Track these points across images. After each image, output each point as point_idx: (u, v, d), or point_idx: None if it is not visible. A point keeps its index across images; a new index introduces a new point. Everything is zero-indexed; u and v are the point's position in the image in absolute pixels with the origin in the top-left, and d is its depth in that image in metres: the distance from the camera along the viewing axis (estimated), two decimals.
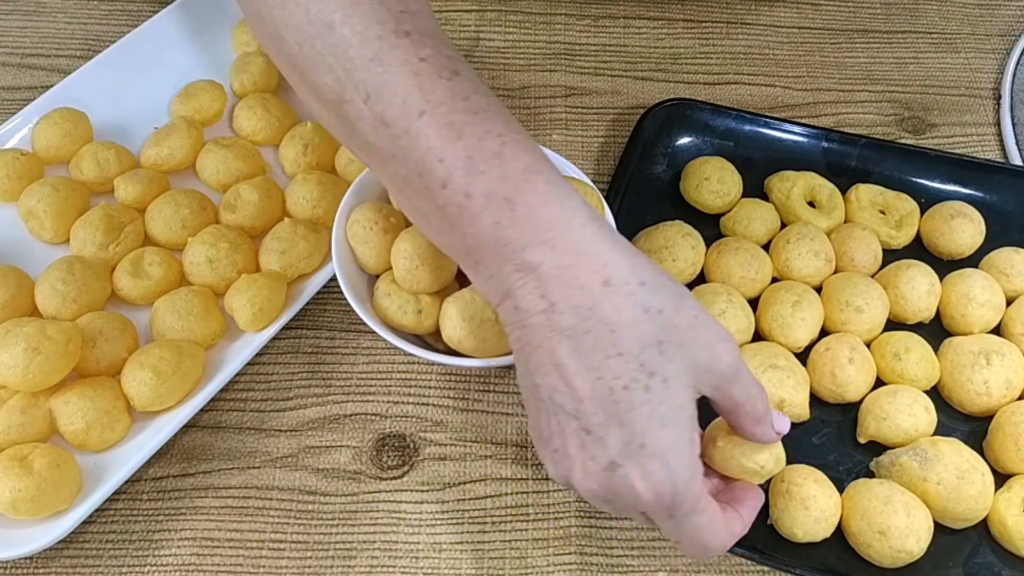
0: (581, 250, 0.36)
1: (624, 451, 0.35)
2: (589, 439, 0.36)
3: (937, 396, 0.54)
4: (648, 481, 0.36)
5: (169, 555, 0.49)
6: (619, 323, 0.35)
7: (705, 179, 0.60)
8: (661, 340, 0.36)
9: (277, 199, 0.58)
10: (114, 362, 0.51)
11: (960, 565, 0.48)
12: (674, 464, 0.36)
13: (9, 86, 0.67)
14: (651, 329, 0.36)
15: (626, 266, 0.36)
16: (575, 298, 0.35)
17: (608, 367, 0.35)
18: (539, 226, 0.36)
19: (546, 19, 0.74)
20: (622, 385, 0.35)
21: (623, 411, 0.35)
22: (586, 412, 0.35)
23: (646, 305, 0.36)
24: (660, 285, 0.36)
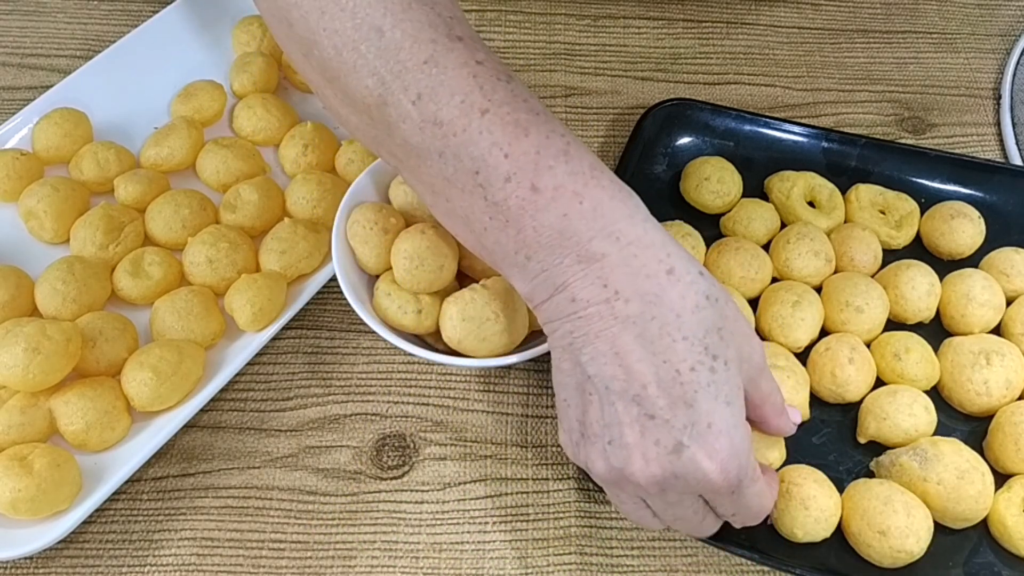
0: (647, 242, 0.38)
1: (692, 432, 0.37)
2: (652, 424, 0.37)
3: (937, 396, 0.54)
4: (715, 459, 0.37)
5: (169, 555, 0.49)
6: (684, 309, 0.37)
7: (705, 179, 0.60)
8: (720, 327, 0.38)
9: (277, 199, 0.58)
10: (114, 362, 0.51)
11: (960, 565, 0.48)
12: (738, 440, 0.37)
13: (9, 86, 0.67)
14: (712, 315, 0.37)
15: (686, 258, 0.38)
16: (643, 286, 0.37)
17: (675, 351, 0.36)
18: (607, 219, 0.38)
19: (546, 19, 0.74)
20: (689, 367, 0.36)
21: (689, 392, 0.36)
22: (650, 397, 0.36)
23: (707, 292, 0.38)
24: (711, 277, 0.39)
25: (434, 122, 0.38)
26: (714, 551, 0.50)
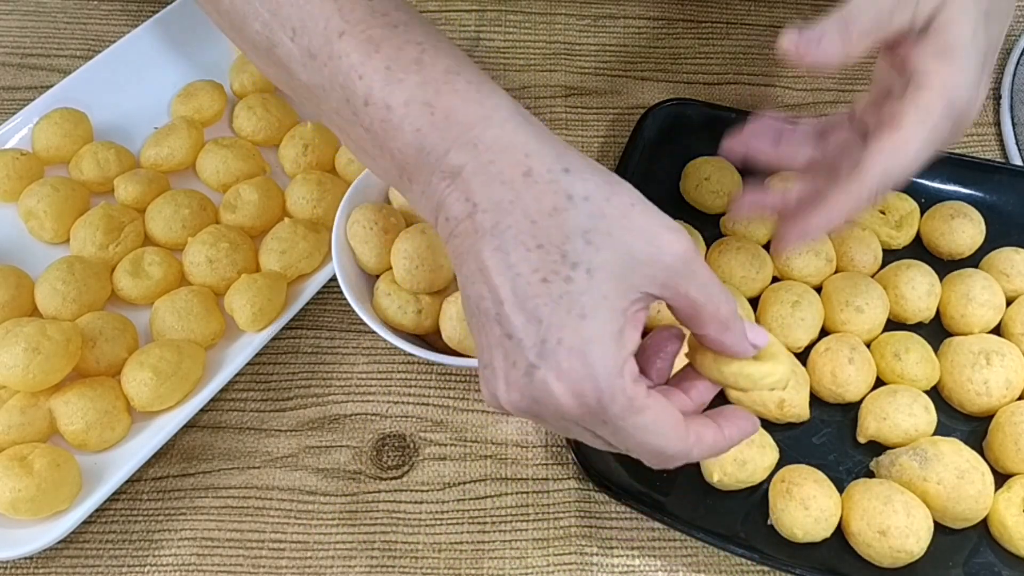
0: (504, 145, 0.34)
1: (542, 350, 0.33)
2: (511, 344, 0.33)
3: (937, 396, 0.54)
4: (565, 381, 0.33)
5: (169, 555, 0.49)
6: (540, 213, 0.33)
7: (705, 179, 0.60)
8: (587, 229, 0.33)
9: (277, 199, 0.58)
10: (114, 362, 0.51)
11: (960, 565, 0.48)
12: (594, 358, 0.32)
13: (9, 86, 0.67)
14: (576, 217, 0.33)
15: (550, 154, 0.34)
16: (497, 194, 0.34)
17: (528, 261, 0.33)
18: (460, 127, 0.35)
19: (546, 19, 0.74)
20: (541, 277, 0.33)
21: (540, 306, 0.33)
22: (507, 315, 0.33)
23: (569, 192, 0.34)
24: (589, 172, 0.34)
25: (310, 55, 0.38)
26: (714, 551, 0.50)
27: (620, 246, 0.33)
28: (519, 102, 0.38)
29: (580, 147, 0.66)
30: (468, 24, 0.73)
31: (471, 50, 0.72)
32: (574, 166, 0.34)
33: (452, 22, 0.73)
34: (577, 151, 0.36)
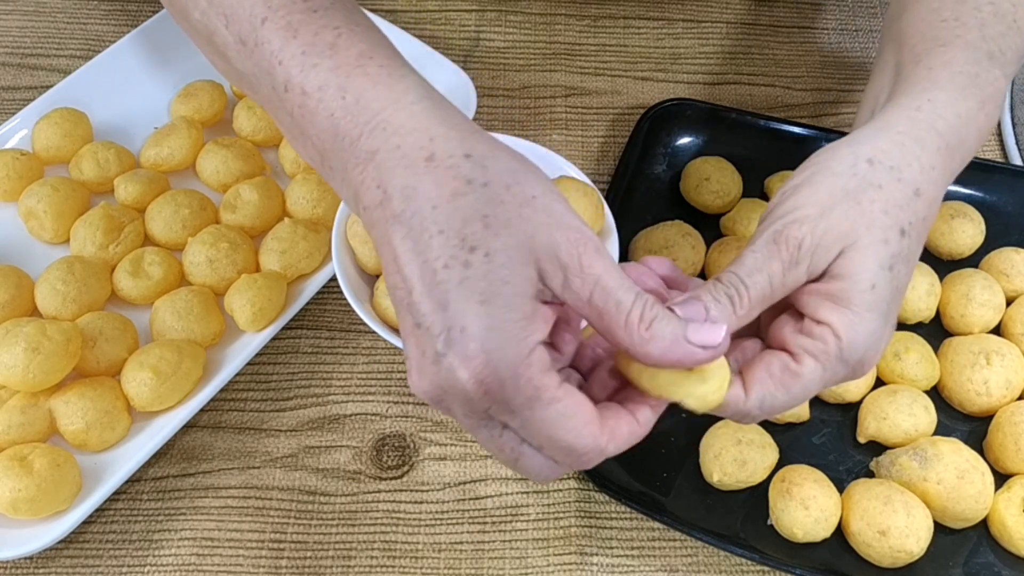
0: (410, 129, 0.34)
1: (447, 338, 0.32)
2: (420, 333, 0.32)
3: (937, 396, 0.54)
4: (468, 367, 0.31)
5: (169, 555, 0.49)
6: (440, 198, 0.32)
7: (705, 179, 0.60)
8: (486, 214, 0.32)
9: (277, 199, 0.58)
10: (114, 362, 0.51)
11: (960, 565, 0.48)
12: (496, 344, 0.31)
13: (9, 86, 0.67)
14: (475, 201, 0.32)
15: (454, 139, 0.34)
16: (402, 179, 0.33)
17: (431, 246, 0.32)
18: (372, 110, 0.35)
19: (546, 19, 0.74)
20: (442, 264, 0.32)
21: (443, 292, 0.32)
22: (416, 303, 0.32)
23: (468, 177, 0.33)
24: (493, 159, 0.33)
25: (240, 41, 0.38)
26: (714, 551, 0.50)
27: (519, 233, 0.32)
28: (519, 103, 0.38)
29: (580, 147, 0.66)
30: (468, 24, 0.73)
31: (471, 50, 0.72)
32: (477, 151, 0.33)
33: (452, 22, 0.73)
34: (488, 137, 0.35)
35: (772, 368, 0.36)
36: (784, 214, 0.37)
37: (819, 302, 0.36)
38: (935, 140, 0.38)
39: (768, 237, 0.36)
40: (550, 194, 0.33)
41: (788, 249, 0.36)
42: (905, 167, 0.37)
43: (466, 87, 0.62)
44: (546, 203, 0.33)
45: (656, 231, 0.58)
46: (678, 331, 0.32)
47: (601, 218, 0.50)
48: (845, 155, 0.38)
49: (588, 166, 0.65)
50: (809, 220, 0.36)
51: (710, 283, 0.36)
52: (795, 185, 0.37)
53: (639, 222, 0.59)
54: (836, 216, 0.36)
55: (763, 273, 0.35)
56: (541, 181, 0.34)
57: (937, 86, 0.39)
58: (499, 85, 0.69)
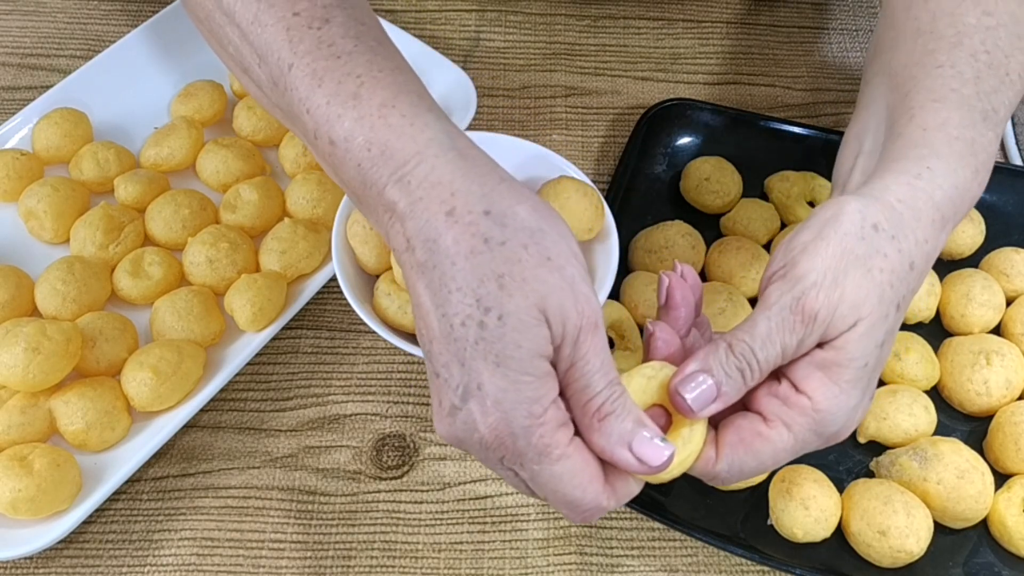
0: (433, 181, 0.35)
1: (464, 393, 0.33)
2: (438, 382, 0.34)
3: (937, 396, 0.54)
4: (485, 422, 0.33)
5: (169, 555, 0.49)
6: (458, 254, 0.33)
7: (705, 179, 0.60)
8: (501, 273, 0.33)
9: (277, 199, 0.58)
10: (114, 362, 0.51)
11: (960, 565, 0.48)
12: (508, 405, 0.33)
13: (9, 86, 0.67)
14: (491, 260, 0.33)
15: (476, 194, 0.34)
16: (424, 232, 0.34)
17: (450, 302, 0.33)
18: (396, 161, 0.35)
19: (546, 19, 0.74)
20: (460, 321, 0.33)
21: (460, 349, 0.33)
22: (435, 353, 0.34)
23: (486, 235, 0.33)
24: (512, 216, 0.34)
25: (272, 82, 0.38)
26: (714, 551, 0.50)
27: (533, 294, 0.33)
28: (519, 103, 0.38)
29: (580, 147, 0.66)
30: (468, 24, 0.73)
31: (471, 50, 0.72)
32: (497, 208, 0.34)
33: (452, 22, 0.73)
34: (511, 189, 0.35)
35: (743, 432, 0.36)
36: (799, 278, 0.35)
37: (809, 370, 0.36)
38: (931, 212, 0.37)
39: (785, 305, 0.35)
40: (566, 255, 0.34)
41: (805, 322, 0.35)
42: (903, 238, 0.37)
43: (466, 87, 0.62)
44: (561, 264, 0.34)
45: (656, 231, 0.58)
46: (625, 436, 0.33)
47: (601, 218, 0.50)
48: (853, 215, 0.36)
49: (588, 166, 0.65)
50: (825, 287, 0.35)
51: (722, 349, 0.35)
52: (805, 242, 0.36)
53: (639, 222, 0.59)
54: (850, 284, 0.35)
55: (776, 345, 0.35)
56: (559, 240, 0.34)
57: (935, 153, 0.38)
58: (499, 85, 0.69)
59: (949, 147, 0.38)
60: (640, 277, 0.56)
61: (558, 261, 0.34)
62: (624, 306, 0.55)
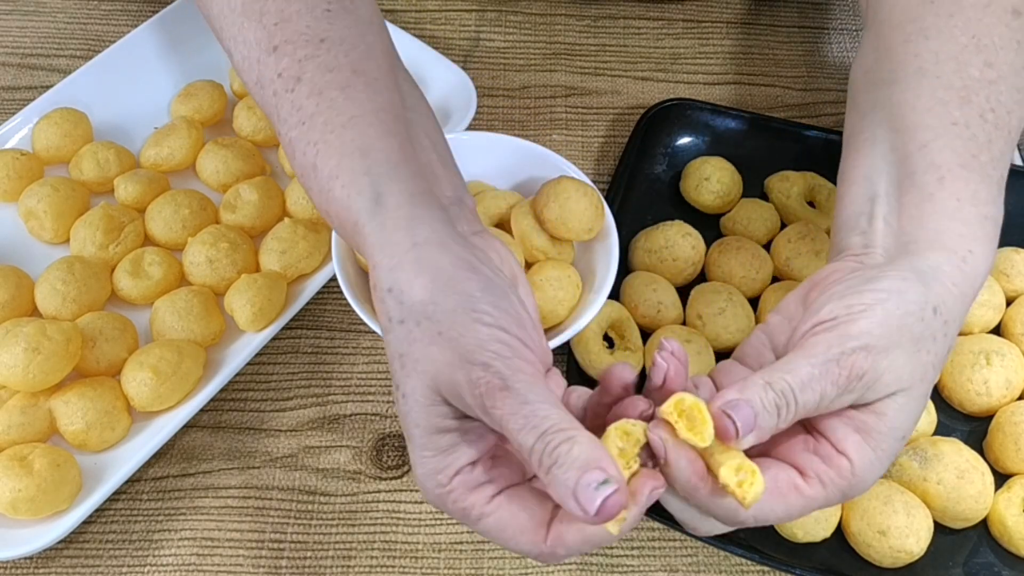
0: (368, 254, 0.37)
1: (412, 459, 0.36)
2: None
3: (937, 396, 0.54)
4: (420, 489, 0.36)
5: (169, 555, 0.49)
6: (386, 331, 0.36)
7: (705, 179, 0.60)
8: (402, 353, 0.35)
9: (277, 199, 0.58)
10: (114, 362, 0.51)
11: (960, 565, 0.48)
12: (421, 477, 0.35)
13: (9, 86, 0.67)
14: (395, 340, 0.35)
15: (384, 269, 0.35)
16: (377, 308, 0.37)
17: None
18: (348, 232, 0.38)
19: (546, 19, 0.74)
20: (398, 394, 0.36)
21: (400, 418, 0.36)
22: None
23: (390, 314, 0.35)
24: (407, 293, 0.35)
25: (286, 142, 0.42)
26: (714, 551, 0.50)
27: (424, 375, 0.34)
28: (519, 103, 0.38)
29: (580, 147, 0.66)
30: (468, 24, 0.73)
31: (471, 50, 0.72)
32: (396, 284, 0.35)
33: (452, 22, 0.73)
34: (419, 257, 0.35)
35: (780, 484, 0.35)
36: (853, 336, 0.35)
37: (847, 432, 0.35)
38: (973, 297, 0.38)
39: (833, 357, 0.34)
40: (463, 323, 0.33)
41: (848, 377, 0.34)
42: (953, 323, 0.37)
43: (466, 87, 0.62)
44: (453, 337, 0.33)
45: (656, 231, 0.58)
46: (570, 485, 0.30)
47: (601, 218, 0.50)
48: (917, 293, 0.36)
49: (588, 166, 0.65)
50: (875, 352, 0.35)
51: (760, 384, 0.34)
52: (867, 304, 0.36)
53: (639, 222, 0.59)
54: (900, 359, 0.35)
55: (815, 392, 0.34)
56: (454, 311, 0.34)
57: (974, 235, 0.38)
58: (499, 85, 0.69)
59: (983, 228, 0.39)
60: (640, 277, 0.56)
61: (450, 334, 0.33)
62: (624, 306, 0.55)
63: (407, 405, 0.35)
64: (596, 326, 0.53)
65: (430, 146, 0.41)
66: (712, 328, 0.54)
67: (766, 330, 0.40)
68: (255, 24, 0.42)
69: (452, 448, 0.34)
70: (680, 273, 0.57)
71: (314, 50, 0.41)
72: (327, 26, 0.41)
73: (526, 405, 0.32)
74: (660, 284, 0.55)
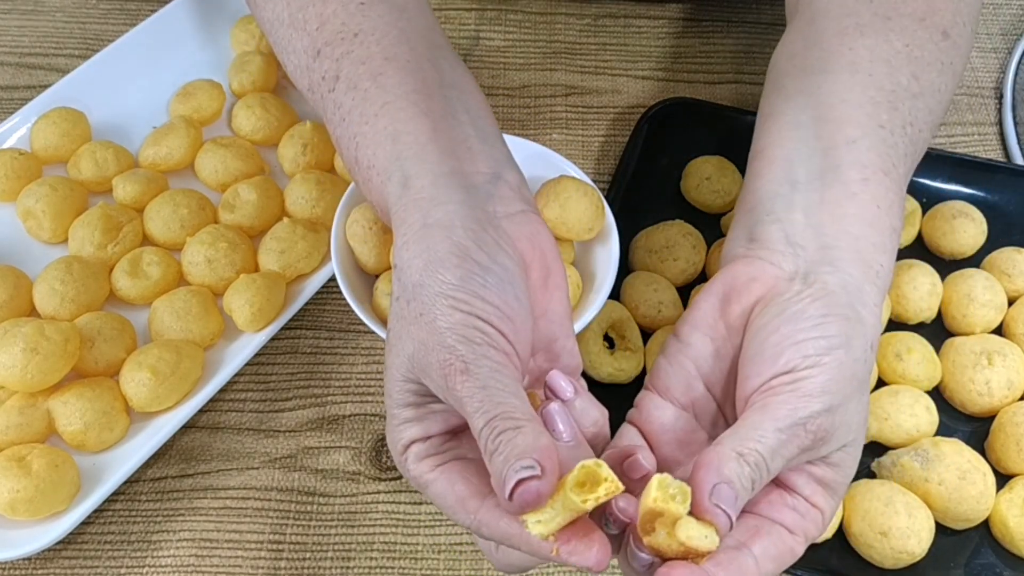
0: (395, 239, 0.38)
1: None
2: None
3: (939, 396, 0.54)
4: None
5: (168, 556, 0.49)
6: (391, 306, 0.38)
7: (706, 179, 0.60)
8: (393, 328, 0.37)
9: (276, 199, 0.58)
10: (112, 362, 0.51)
11: (961, 566, 0.48)
12: (389, 441, 0.37)
13: (7, 85, 0.67)
14: (393, 317, 0.37)
15: (398, 247, 0.37)
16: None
17: None
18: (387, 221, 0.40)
19: (546, 18, 0.74)
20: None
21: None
22: None
23: (394, 291, 0.37)
24: (405, 272, 0.36)
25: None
26: None
27: (405, 350, 0.36)
28: (519, 102, 0.39)
29: (580, 146, 0.66)
30: (468, 23, 0.73)
31: (471, 49, 0.71)
32: (400, 262, 0.37)
33: (452, 21, 0.73)
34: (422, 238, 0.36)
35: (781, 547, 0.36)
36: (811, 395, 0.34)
37: (814, 487, 0.36)
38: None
39: (799, 420, 0.34)
40: (439, 306, 0.35)
41: (815, 442, 0.34)
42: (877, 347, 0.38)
43: None
44: (430, 321, 0.34)
45: (656, 231, 0.58)
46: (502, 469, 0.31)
47: (601, 218, 0.50)
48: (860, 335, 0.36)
49: (588, 165, 0.65)
50: (834, 411, 0.35)
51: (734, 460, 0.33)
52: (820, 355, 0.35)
53: (639, 222, 0.59)
54: (851, 411, 0.35)
55: (783, 459, 0.34)
56: (436, 296, 0.35)
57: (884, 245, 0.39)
58: (499, 84, 0.69)
59: (892, 241, 0.40)
60: (640, 277, 0.56)
61: (428, 316, 0.35)
62: (624, 306, 0.55)
63: (387, 375, 0.37)
64: (596, 326, 0.53)
65: (468, 121, 0.41)
66: None
67: (687, 353, 0.39)
68: (301, 33, 0.44)
69: (412, 421, 0.36)
70: (681, 273, 0.56)
71: (348, 46, 0.42)
72: (360, 19, 0.43)
73: (483, 390, 0.33)
74: (661, 284, 0.55)
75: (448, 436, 0.37)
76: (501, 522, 0.33)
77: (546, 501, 0.30)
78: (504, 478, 0.30)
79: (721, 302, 0.39)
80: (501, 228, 0.38)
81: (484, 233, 0.37)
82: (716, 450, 0.33)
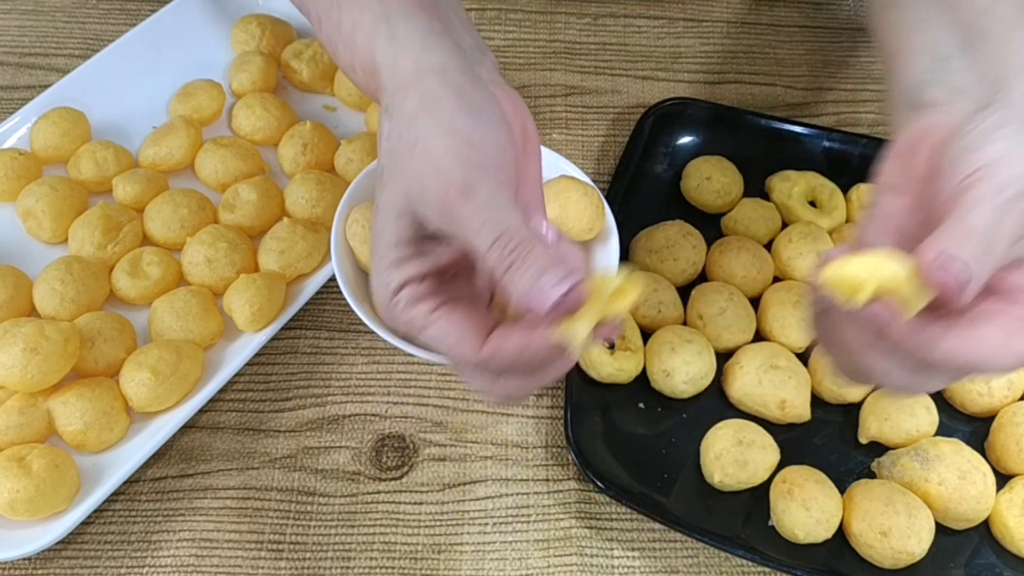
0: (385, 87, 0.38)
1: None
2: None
3: (938, 396, 0.54)
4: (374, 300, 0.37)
5: (168, 556, 0.49)
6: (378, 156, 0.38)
7: (706, 179, 0.60)
8: (383, 167, 0.37)
9: (276, 199, 0.58)
10: (112, 362, 0.51)
11: (961, 566, 0.48)
12: (373, 286, 0.37)
13: (7, 85, 0.67)
14: (383, 156, 0.37)
15: (389, 92, 0.37)
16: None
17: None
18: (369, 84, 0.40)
19: (546, 18, 0.74)
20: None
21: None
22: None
23: (383, 131, 0.37)
24: (398, 108, 0.36)
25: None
26: (715, 552, 0.49)
27: (399, 184, 0.35)
28: None
29: (580, 146, 0.66)
30: None
31: None
32: (392, 100, 0.36)
33: None
34: (416, 77, 0.36)
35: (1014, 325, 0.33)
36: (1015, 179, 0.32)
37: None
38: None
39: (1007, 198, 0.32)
40: (434, 134, 0.34)
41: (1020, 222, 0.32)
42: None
43: None
44: (425, 148, 0.34)
45: (657, 231, 0.58)
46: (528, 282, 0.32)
47: (601, 218, 0.50)
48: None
49: (588, 165, 0.65)
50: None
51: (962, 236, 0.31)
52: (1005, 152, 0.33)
53: (640, 222, 0.59)
54: None
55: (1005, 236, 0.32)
56: (432, 125, 0.35)
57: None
58: None
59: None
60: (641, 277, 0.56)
61: (423, 145, 0.34)
62: None
63: (377, 217, 0.36)
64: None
65: (451, 10, 0.41)
66: (713, 328, 0.54)
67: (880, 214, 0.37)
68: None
69: (406, 260, 0.36)
70: (681, 273, 0.56)
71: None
72: None
73: (486, 209, 0.33)
74: (661, 284, 0.55)
75: (437, 278, 0.37)
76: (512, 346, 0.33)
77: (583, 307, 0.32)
78: (536, 293, 0.31)
79: (903, 159, 0.38)
80: (489, 89, 0.38)
81: (476, 80, 0.37)
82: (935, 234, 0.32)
